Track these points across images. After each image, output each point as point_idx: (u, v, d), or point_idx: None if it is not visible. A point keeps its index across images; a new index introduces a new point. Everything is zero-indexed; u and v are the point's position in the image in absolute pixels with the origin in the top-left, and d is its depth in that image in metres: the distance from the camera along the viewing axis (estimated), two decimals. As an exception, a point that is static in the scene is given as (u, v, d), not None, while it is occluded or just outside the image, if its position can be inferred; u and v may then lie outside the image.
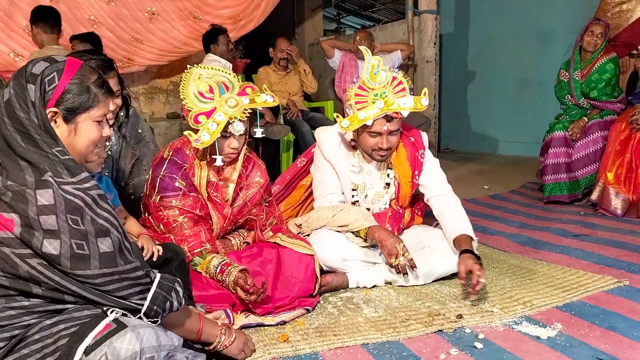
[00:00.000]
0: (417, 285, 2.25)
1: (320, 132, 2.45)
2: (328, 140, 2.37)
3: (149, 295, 1.25)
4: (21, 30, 4.47)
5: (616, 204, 3.36)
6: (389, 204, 2.41)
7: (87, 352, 1.11)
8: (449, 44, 6.97)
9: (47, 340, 1.16)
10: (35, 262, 1.12)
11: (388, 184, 2.39)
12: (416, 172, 2.35)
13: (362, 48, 2.24)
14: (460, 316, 1.91)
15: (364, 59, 5.07)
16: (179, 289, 1.33)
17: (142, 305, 1.23)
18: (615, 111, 3.73)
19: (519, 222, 3.35)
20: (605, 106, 3.76)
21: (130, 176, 2.25)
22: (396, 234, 2.30)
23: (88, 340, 1.12)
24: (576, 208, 3.66)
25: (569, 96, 3.91)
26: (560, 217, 3.41)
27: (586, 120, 3.74)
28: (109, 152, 2.18)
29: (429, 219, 2.55)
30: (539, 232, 3.05)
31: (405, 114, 2.17)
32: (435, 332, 1.82)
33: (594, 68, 3.75)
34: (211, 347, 1.53)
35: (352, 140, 2.37)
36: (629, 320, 1.84)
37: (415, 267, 2.11)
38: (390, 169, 2.38)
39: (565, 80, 3.91)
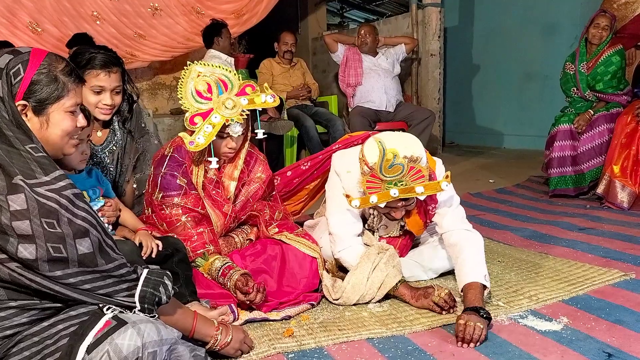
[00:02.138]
0: (422, 281, 2.25)
1: (343, 171, 2.16)
2: (351, 180, 2.10)
3: (136, 294, 1.23)
4: (24, 27, 4.48)
5: (622, 197, 3.34)
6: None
7: (88, 350, 1.10)
8: (453, 37, 6.93)
9: (47, 341, 1.16)
10: (14, 265, 1.10)
11: (402, 226, 2.27)
12: (428, 221, 2.20)
13: (375, 138, 1.92)
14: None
15: (367, 53, 5.08)
16: (167, 282, 1.31)
17: (132, 302, 1.22)
18: (621, 103, 3.71)
19: (524, 215, 3.33)
20: (611, 99, 3.73)
21: (133, 171, 2.25)
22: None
23: (89, 339, 1.11)
24: (582, 201, 3.64)
25: (575, 89, 3.88)
26: (566, 211, 3.39)
27: (592, 112, 3.71)
28: (115, 147, 2.18)
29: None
30: (544, 226, 3.04)
31: (422, 197, 1.96)
32: (440, 326, 1.81)
33: (600, 60, 3.73)
34: (207, 346, 1.51)
35: None
36: (636, 313, 1.83)
37: (455, 303, 1.91)
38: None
39: (571, 72, 3.88)
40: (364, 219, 2.26)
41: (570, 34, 5.48)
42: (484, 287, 1.87)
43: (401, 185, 1.91)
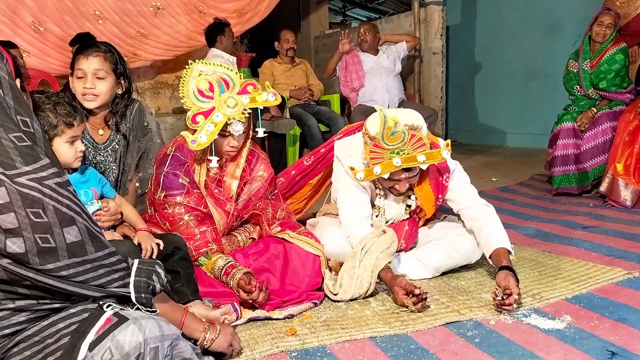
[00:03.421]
0: (424, 279, 2.25)
1: (344, 155, 2.21)
2: (353, 163, 2.16)
3: (131, 283, 1.22)
4: (27, 27, 4.48)
5: (625, 195, 3.33)
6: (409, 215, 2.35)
7: (90, 347, 1.10)
8: (455, 36, 6.92)
9: (47, 340, 1.15)
10: (5, 262, 1.08)
11: (409, 206, 2.30)
12: (440, 196, 2.24)
13: (377, 107, 2.01)
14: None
15: (368, 52, 5.05)
16: (159, 270, 1.30)
17: (127, 292, 1.21)
18: (624, 102, 3.70)
19: (527, 214, 3.33)
20: (614, 97, 3.73)
21: (136, 170, 2.25)
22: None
23: (91, 336, 1.11)
24: (585, 200, 3.63)
25: (578, 87, 3.87)
26: (569, 209, 3.38)
27: (595, 111, 3.71)
28: (117, 146, 2.18)
29: (438, 211, 2.54)
30: (547, 224, 3.03)
31: (424, 167, 2.03)
32: (443, 325, 1.81)
33: (604, 58, 3.72)
34: (197, 343, 1.48)
35: None
36: (639, 312, 1.82)
37: (426, 304, 1.92)
38: (411, 189, 2.25)
39: (574, 70, 3.87)
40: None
41: (573, 32, 5.46)
42: (509, 252, 2.05)
43: (403, 154, 1.95)
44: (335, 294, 2.04)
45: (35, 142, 1.16)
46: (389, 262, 2.05)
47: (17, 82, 1.24)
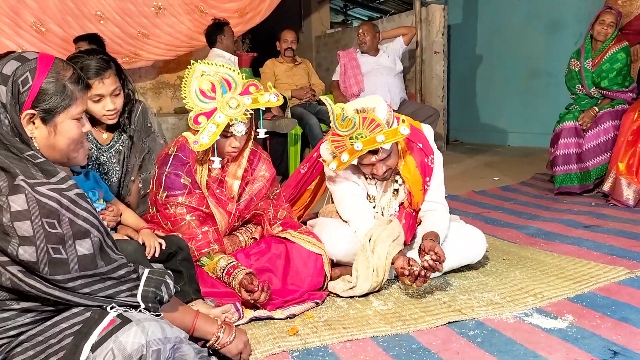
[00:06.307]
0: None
1: (326, 155, 2.25)
2: (326, 156, 2.23)
3: (139, 294, 1.23)
4: (28, 27, 4.49)
5: (628, 194, 3.32)
6: (400, 206, 2.37)
7: (93, 348, 1.10)
8: (457, 35, 6.90)
9: (50, 340, 1.16)
10: (16, 269, 1.10)
11: (396, 190, 2.33)
12: (427, 179, 2.27)
13: (322, 98, 2.13)
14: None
15: (368, 52, 5.04)
16: (169, 281, 1.31)
17: (134, 302, 1.22)
18: (626, 100, 3.70)
19: (529, 213, 3.32)
20: (617, 96, 3.72)
21: (139, 170, 2.26)
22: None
23: (94, 337, 1.12)
24: (587, 199, 3.62)
25: (580, 85, 3.87)
26: (571, 208, 3.38)
27: (597, 109, 3.70)
28: (121, 147, 2.19)
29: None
30: (549, 224, 3.03)
31: (387, 147, 2.06)
32: (445, 324, 1.81)
33: (605, 57, 3.71)
34: (208, 344, 1.49)
35: None
36: (642, 311, 1.82)
37: (429, 277, 1.99)
38: (398, 174, 2.29)
39: (576, 69, 3.86)
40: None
41: (574, 31, 5.45)
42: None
43: (362, 138, 2.00)
44: (352, 288, 2.06)
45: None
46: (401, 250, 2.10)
47: None
